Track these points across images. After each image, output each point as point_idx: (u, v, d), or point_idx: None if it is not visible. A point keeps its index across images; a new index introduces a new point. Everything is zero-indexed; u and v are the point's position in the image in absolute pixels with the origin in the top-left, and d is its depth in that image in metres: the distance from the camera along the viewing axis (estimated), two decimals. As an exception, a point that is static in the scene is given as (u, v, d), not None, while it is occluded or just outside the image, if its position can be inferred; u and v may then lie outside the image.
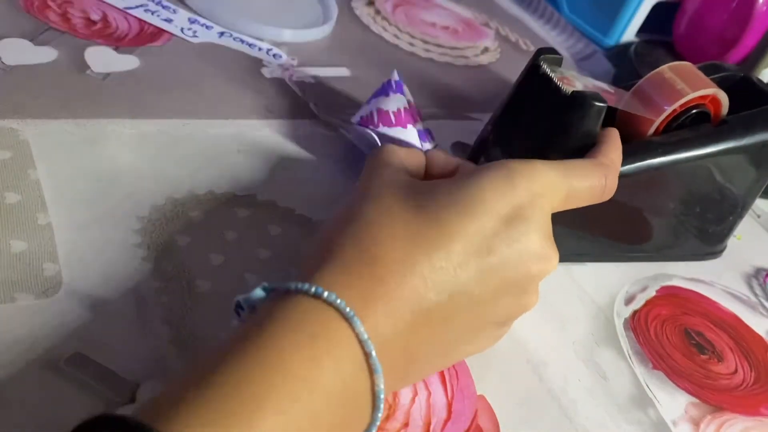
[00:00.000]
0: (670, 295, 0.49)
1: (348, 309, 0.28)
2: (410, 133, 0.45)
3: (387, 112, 0.45)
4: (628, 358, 0.43)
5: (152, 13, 0.56)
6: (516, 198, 0.33)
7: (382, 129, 0.45)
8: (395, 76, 0.47)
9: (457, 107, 0.60)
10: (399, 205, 0.32)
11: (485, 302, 0.33)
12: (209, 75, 0.52)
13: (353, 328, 0.28)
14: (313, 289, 0.28)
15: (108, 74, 0.49)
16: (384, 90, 0.47)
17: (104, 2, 0.55)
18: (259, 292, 0.29)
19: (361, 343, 0.28)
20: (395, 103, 0.45)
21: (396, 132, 0.44)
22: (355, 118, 0.46)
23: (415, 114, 0.46)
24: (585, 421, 0.38)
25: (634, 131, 0.45)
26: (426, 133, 0.47)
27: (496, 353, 0.39)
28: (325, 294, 0.28)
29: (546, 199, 0.34)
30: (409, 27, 0.70)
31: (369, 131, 0.45)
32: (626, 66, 0.70)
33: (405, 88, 0.47)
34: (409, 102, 0.46)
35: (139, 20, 0.55)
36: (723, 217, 0.50)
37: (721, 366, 0.45)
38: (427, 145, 0.46)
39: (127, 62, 0.51)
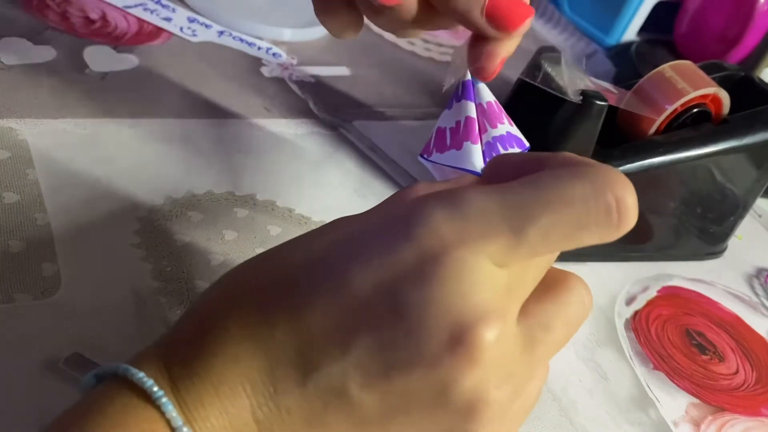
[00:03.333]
0: (671, 295, 0.48)
1: (156, 389, 0.23)
2: (466, 154, 0.33)
3: (444, 130, 0.34)
4: (629, 359, 0.43)
5: (151, 12, 0.56)
6: (410, 253, 0.23)
7: (435, 156, 0.34)
8: (467, 76, 0.35)
9: (458, 106, 0.60)
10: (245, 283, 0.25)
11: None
12: (208, 74, 0.52)
13: (163, 414, 0.22)
14: (121, 369, 0.23)
15: (107, 73, 0.49)
16: (450, 101, 0.35)
17: (103, 1, 0.55)
18: (89, 380, 0.24)
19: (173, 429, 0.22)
20: (457, 114, 0.34)
21: (448, 157, 0.33)
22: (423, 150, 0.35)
23: (487, 120, 0.34)
24: (585, 421, 0.38)
25: (635, 130, 0.45)
26: (497, 145, 0.34)
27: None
28: (132, 372, 0.23)
29: (468, 248, 0.22)
30: (409, 26, 0.70)
31: (426, 163, 0.35)
32: (627, 65, 0.69)
33: (478, 89, 0.34)
34: (481, 105, 0.34)
35: (139, 19, 0.55)
36: (724, 217, 0.49)
37: (722, 366, 0.45)
38: None
39: (126, 61, 0.51)
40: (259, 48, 0.57)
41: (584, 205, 0.23)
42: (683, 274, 0.50)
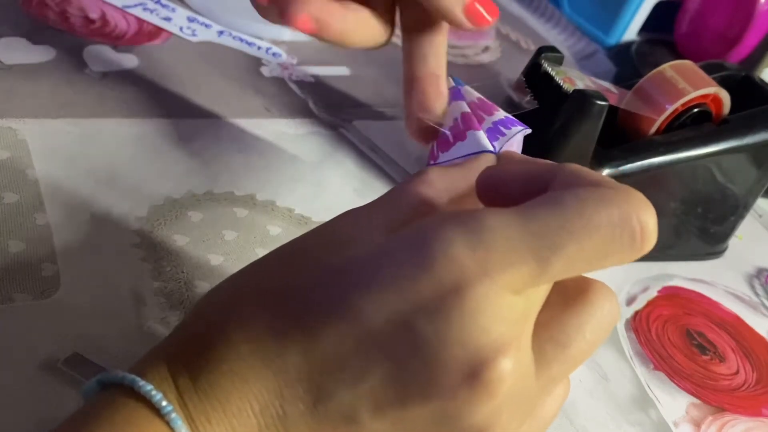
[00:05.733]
0: (671, 295, 0.48)
1: (165, 404, 0.22)
2: (472, 141, 0.35)
3: (443, 133, 0.37)
4: (630, 359, 0.43)
5: (151, 11, 0.56)
6: (429, 284, 0.22)
7: (442, 157, 0.35)
8: (450, 83, 0.38)
9: (458, 106, 0.59)
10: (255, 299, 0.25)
11: None
12: (208, 74, 0.52)
13: (172, 429, 0.22)
14: (128, 379, 0.23)
15: (106, 73, 0.49)
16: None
17: (103, 1, 0.55)
18: (92, 385, 0.24)
19: None
20: (451, 115, 0.37)
21: (455, 151, 0.35)
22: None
23: (481, 110, 0.36)
24: (585, 421, 0.38)
25: (636, 130, 0.45)
26: (499, 127, 0.35)
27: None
28: (140, 384, 0.23)
29: (491, 280, 0.22)
30: (409, 26, 0.69)
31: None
32: (628, 65, 0.69)
33: (464, 90, 0.37)
34: (472, 102, 0.37)
35: (138, 19, 0.55)
36: (724, 217, 0.49)
37: (723, 367, 0.45)
38: (503, 141, 0.35)
39: (126, 61, 0.51)
40: (258, 48, 0.57)
41: (610, 231, 0.22)
42: (683, 274, 0.50)
